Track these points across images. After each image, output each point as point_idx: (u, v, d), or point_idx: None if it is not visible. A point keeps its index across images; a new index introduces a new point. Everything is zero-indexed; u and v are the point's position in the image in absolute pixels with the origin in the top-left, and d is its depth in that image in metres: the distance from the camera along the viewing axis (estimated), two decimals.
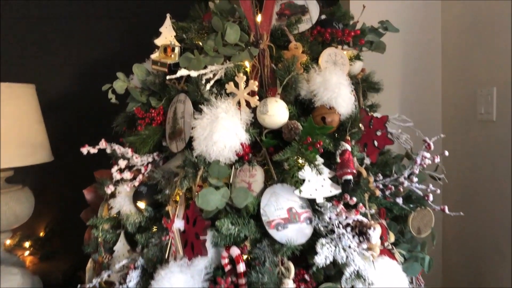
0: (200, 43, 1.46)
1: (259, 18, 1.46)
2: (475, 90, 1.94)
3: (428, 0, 2.15)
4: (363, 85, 1.52)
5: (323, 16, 1.55)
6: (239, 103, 1.32)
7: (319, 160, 1.26)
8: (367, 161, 1.46)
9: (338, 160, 1.31)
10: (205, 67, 1.32)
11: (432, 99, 2.18)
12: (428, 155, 1.35)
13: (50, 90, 2.28)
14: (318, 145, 1.22)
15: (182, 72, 1.22)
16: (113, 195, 1.49)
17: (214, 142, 1.21)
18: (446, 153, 1.34)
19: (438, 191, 1.42)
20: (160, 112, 1.44)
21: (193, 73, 1.24)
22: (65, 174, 2.41)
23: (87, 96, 2.23)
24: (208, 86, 1.27)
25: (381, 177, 1.47)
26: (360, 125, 1.42)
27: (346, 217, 1.29)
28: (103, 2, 2.22)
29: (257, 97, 1.32)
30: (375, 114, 1.57)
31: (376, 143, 1.44)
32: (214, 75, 1.32)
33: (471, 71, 1.97)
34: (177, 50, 1.44)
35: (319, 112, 1.35)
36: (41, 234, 2.51)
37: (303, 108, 1.42)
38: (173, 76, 1.23)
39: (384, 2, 2.09)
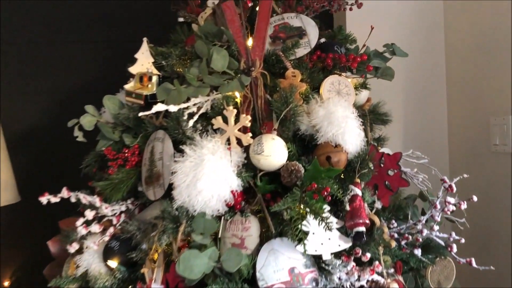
0: (182, 71, 1.26)
1: (250, 42, 1.27)
2: (487, 119, 1.76)
3: (431, 21, 1.99)
4: (370, 117, 1.32)
5: (322, 40, 1.37)
6: (228, 141, 1.11)
7: (327, 211, 1.05)
8: (378, 205, 1.25)
9: (348, 208, 1.10)
10: (188, 100, 1.11)
11: (438, 129, 2.00)
12: (452, 200, 1.15)
13: (17, 124, 2.05)
14: (325, 193, 1.01)
15: (158, 107, 1.01)
16: (80, 250, 1.25)
17: (199, 191, 0.99)
18: (475, 198, 1.13)
19: (463, 240, 1.21)
20: (135, 151, 1.23)
21: (172, 108, 1.03)
22: (34, 216, 2.15)
23: (59, 129, 2.00)
24: (191, 123, 1.06)
25: (394, 224, 1.27)
26: (370, 163, 1.21)
27: (359, 277, 1.07)
28: (78, 25, 2.02)
29: (250, 134, 1.11)
30: (383, 150, 1.37)
31: (388, 184, 1.24)
32: (199, 108, 1.11)
33: (482, 98, 1.80)
34: (154, 79, 1.24)
35: (323, 150, 1.15)
36: (6, 283, 2.23)
37: (303, 144, 1.22)
38: (147, 113, 1.02)
39: (383, 24, 1.93)
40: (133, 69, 1.29)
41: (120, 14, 1.94)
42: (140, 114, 1.05)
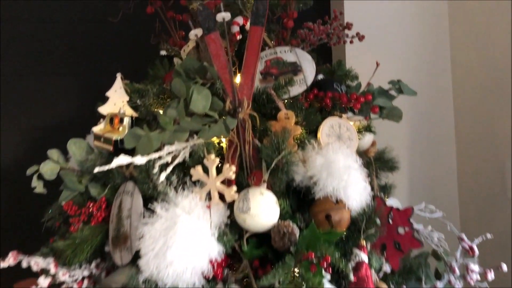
0: (161, 112, 1.10)
1: (238, 79, 1.12)
2: (503, 162, 1.59)
3: (438, 55, 1.85)
4: (377, 165, 1.15)
5: (320, 76, 1.21)
6: (209, 196, 0.94)
7: (327, 283, 0.86)
8: (387, 268, 1.07)
9: (352, 277, 0.92)
10: (163, 146, 0.94)
11: (446, 172, 1.83)
12: (476, 267, 0.96)
13: None
14: (325, 263, 0.83)
15: (120, 159, 0.83)
16: None
17: (169, 263, 0.80)
18: (504, 267, 0.95)
19: None
20: (102, 205, 1.05)
21: (139, 160, 0.86)
22: None
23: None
24: (163, 176, 0.88)
25: None
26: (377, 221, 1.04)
27: None
28: (57, 58, 1.86)
29: (234, 188, 0.94)
30: (391, 201, 1.20)
31: (398, 244, 1.06)
32: (174, 157, 0.94)
33: (496, 139, 1.63)
34: (126, 121, 1.07)
35: (322, 207, 0.97)
36: None
37: (298, 197, 1.04)
38: (104, 168, 0.85)
39: (386, 58, 1.78)
40: (103, 109, 1.13)
41: (100, 46, 1.79)
42: (96, 169, 0.87)
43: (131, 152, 0.95)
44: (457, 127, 1.83)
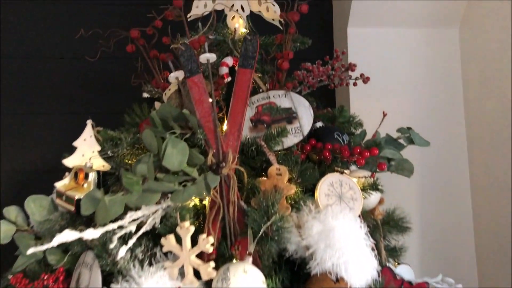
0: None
1: (224, 126, 0.98)
2: None
3: (448, 88, 1.71)
4: (385, 227, 0.99)
5: (319, 124, 1.07)
6: (182, 271, 0.77)
7: None
8: None
9: None
10: (125, 212, 0.79)
11: (462, 229, 1.64)
12: None
13: None
14: None
15: (63, 236, 0.68)
16: None
17: None
18: None
19: None
20: (60, 277, 0.88)
21: (89, 234, 0.70)
22: None
23: None
24: (122, 251, 0.72)
25: None
26: None
27: None
28: (41, 97, 1.74)
29: (212, 264, 0.77)
30: (401, 269, 1.02)
31: None
32: (141, 225, 0.78)
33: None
34: (92, 177, 0.92)
35: (318, 285, 0.80)
36: None
37: (292, 269, 0.88)
38: (42, 248, 0.69)
39: (393, 103, 1.65)
40: (69, 161, 0.98)
41: (81, 85, 1.66)
42: (30, 251, 0.71)
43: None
44: (472, 178, 1.66)
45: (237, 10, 1.19)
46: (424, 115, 1.69)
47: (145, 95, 1.23)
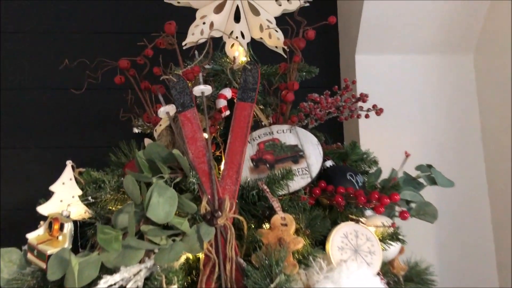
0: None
1: (221, 166, 0.86)
2: None
3: (466, 122, 1.59)
4: (408, 285, 0.85)
5: (329, 163, 0.94)
6: None
7: None
8: None
9: None
10: (104, 273, 0.66)
11: (485, 272, 1.49)
12: None
13: None
14: None
15: None
16: None
17: None
18: None
19: None
20: None
21: None
22: None
23: None
24: None
25: None
26: None
27: None
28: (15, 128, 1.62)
29: None
30: None
31: None
32: None
33: None
34: (68, 228, 0.79)
35: None
36: None
37: None
38: None
39: (408, 138, 1.53)
40: (43, 209, 0.86)
41: (69, 118, 1.55)
42: None
43: None
44: (493, 214, 1.52)
45: (237, 37, 1.09)
46: (439, 146, 1.57)
47: (136, 130, 1.11)
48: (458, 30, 1.58)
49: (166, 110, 0.87)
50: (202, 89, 0.85)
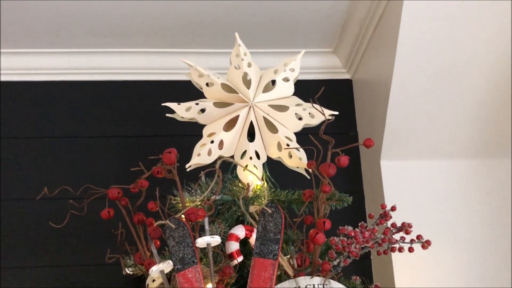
0: None
1: None
2: None
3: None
4: None
5: None
6: None
7: None
8: None
9: None
10: None
11: None
12: None
13: None
14: None
15: None
16: None
17: None
18: None
19: None
20: None
21: None
22: None
23: None
24: None
25: None
26: None
27: None
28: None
29: None
30: None
31: None
32: None
33: None
34: None
35: None
36: None
37: None
38: None
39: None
40: None
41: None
42: None
43: None
44: None
45: (251, 157, 0.91)
46: (477, 261, 1.33)
47: (125, 272, 0.90)
48: (493, 133, 1.41)
49: (160, 269, 0.66)
50: (209, 241, 0.65)
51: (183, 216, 0.70)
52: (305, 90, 1.01)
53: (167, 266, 0.67)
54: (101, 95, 1.49)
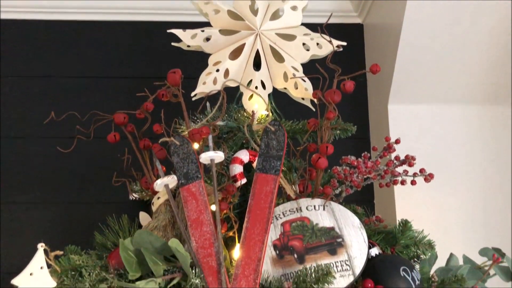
0: None
1: (234, 253, 0.65)
2: None
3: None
4: None
5: (374, 251, 0.72)
6: None
7: None
8: None
9: None
10: None
11: None
12: None
13: None
14: None
15: None
16: None
17: None
18: None
19: None
20: None
21: None
22: None
23: None
24: None
25: None
26: None
27: None
28: None
29: None
30: None
31: None
32: None
33: None
34: None
35: None
36: None
37: None
38: None
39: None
40: None
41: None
42: None
43: None
44: None
45: (256, 87, 0.90)
46: (478, 203, 1.34)
47: (132, 196, 0.92)
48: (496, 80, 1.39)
49: (165, 183, 0.68)
50: (212, 156, 0.66)
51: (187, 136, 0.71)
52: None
53: (171, 180, 0.68)
54: (107, 35, 1.48)
